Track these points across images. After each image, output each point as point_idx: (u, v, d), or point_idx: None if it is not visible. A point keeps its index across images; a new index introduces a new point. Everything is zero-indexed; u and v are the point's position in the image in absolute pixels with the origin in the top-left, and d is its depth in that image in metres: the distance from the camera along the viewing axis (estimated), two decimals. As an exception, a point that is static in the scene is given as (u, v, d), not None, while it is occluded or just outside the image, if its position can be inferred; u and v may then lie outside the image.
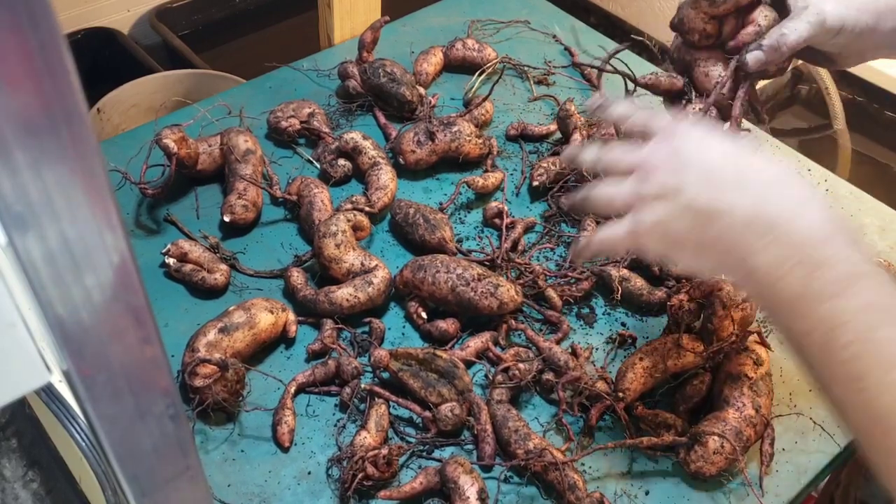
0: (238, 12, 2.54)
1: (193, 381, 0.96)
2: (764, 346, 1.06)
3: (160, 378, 0.42)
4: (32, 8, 0.28)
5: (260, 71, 1.52)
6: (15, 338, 0.41)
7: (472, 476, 0.91)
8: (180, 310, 1.13)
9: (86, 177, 0.33)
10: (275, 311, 1.06)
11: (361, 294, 1.09)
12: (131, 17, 2.37)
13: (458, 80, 1.54)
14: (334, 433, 1.00)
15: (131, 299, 0.38)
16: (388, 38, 1.56)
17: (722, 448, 0.95)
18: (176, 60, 2.19)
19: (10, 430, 0.80)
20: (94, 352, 0.38)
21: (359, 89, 1.43)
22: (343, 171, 1.29)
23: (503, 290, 1.07)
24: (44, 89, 0.30)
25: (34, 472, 0.80)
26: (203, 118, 1.33)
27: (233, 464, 0.97)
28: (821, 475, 1.02)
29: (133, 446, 0.43)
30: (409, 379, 1.01)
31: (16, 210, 0.32)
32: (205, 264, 1.15)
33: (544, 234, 1.26)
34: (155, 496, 0.47)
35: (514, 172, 1.36)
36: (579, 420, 1.04)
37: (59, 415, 0.68)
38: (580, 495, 0.93)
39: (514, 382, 1.03)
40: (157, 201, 1.25)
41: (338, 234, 1.11)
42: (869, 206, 1.36)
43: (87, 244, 0.35)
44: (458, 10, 1.71)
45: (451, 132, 1.30)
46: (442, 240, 1.18)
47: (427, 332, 1.11)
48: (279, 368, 1.07)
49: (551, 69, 1.55)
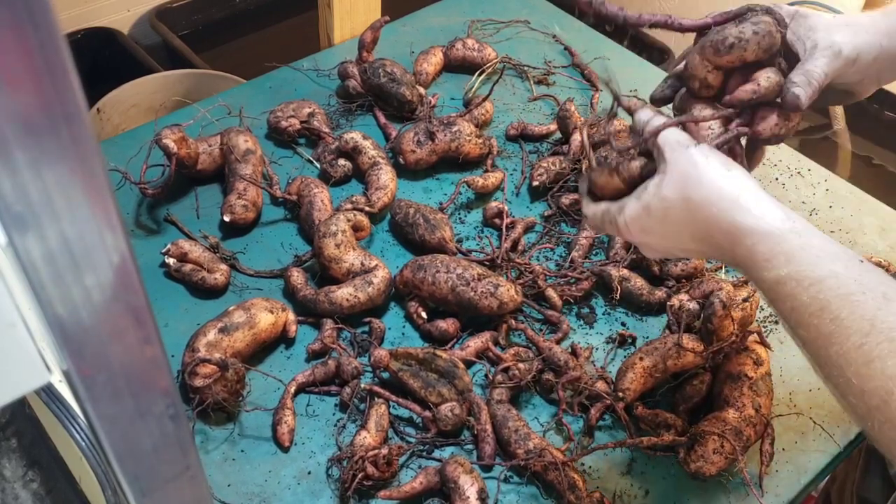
0: (238, 12, 2.54)
1: (193, 381, 0.96)
2: (764, 346, 1.06)
3: (160, 378, 0.42)
4: (32, 7, 0.28)
5: (260, 71, 1.52)
6: (15, 338, 0.41)
7: (472, 476, 0.91)
8: (180, 310, 1.13)
9: (86, 177, 0.33)
10: (275, 311, 1.06)
11: (361, 294, 1.09)
12: (131, 17, 2.37)
13: (458, 80, 1.54)
14: (334, 433, 1.00)
15: (131, 299, 0.38)
16: (388, 38, 1.56)
17: (722, 448, 0.95)
18: (176, 60, 2.19)
19: (10, 430, 0.80)
20: (94, 352, 0.38)
21: (359, 89, 1.43)
22: (343, 171, 1.29)
23: (503, 290, 1.07)
24: (44, 89, 0.30)
25: (34, 472, 0.80)
26: (203, 118, 1.33)
27: (233, 464, 0.97)
28: (821, 475, 1.02)
29: (133, 446, 0.43)
30: (409, 379, 1.01)
31: (16, 210, 0.32)
32: (205, 264, 1.15)
33: (544, 234, 1.26)
34: (155, 496, 0.47)
35: (514, 172, 1.36)
36: (579, 420, 1.04)
37: (59, 415, 0.68)
38: (580, 495, 0.92)
39: (514, 382, 1.03)
40: (157, 201, 1.25)
41: (338, 234, 1.11)
42: (869, 206, 1.36)
43: (87, 244, 0.35)
44: (458, 10, 1.71)
45: (451, 132, 1.30)
46: (442, 240, 1.18)
47: (427, 332, 1.11)
48: (279, 368, 1.07)
49: (551, 69, 1.55)
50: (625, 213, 0.74)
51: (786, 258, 0.65)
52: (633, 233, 0.75)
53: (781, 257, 0.65)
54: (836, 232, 1.31)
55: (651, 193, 0.72)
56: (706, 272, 1.19)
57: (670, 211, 0.71)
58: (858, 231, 1.32)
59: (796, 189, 1.38)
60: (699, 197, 0.69)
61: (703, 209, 0.69)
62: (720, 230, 0.69)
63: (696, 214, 0.70)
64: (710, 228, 0.70)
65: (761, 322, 1.17)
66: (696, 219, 0.70)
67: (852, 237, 1.31)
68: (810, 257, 0.65)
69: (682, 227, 0.72)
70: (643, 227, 0.74)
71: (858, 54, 0.82)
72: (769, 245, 0.66)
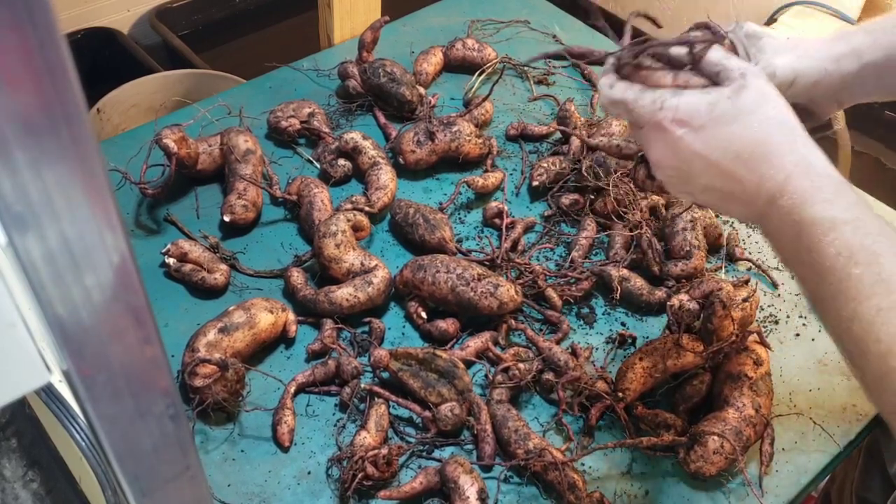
0: (238, 12, 2.54)
1: (193, 381, 0.96)
2: (764, 346, 1.06)
3: (160, 378, 0.42)
4: (32, 7, 0.28)
5: (260, 71, 1.52)
6: (15, 338, 0.41)
7: (472, 476, 0.91)
8: (180, 310, 1.13)
9: (86, 177, 0.33)
10: (275, 311, 1.06)
11: (361, 294, 1.09)
12: (131, 17, 2.37)
13: (458, 80, 1.54)
14: (334, 433, 1.00)
15: (131, 299, 0.38)
16: (388, 38, 1.56)
17: (722, 448, 0.95)
18: (176, 60, 2.19)
19: (10, 430, 0.80)
20: (94, 352, 0.38)
21: (359, 89, 1.43)
22: (343, 171, 1.29)
23: (503, 290, 1.07)
24: (44, 89, 0.30)
25: (34, 472, 0.80)
26: (203, 118, 1.33)
27: (233, 464, 0.97)
28: (821, 475, 1.02)
29: (133, 446, 0.43)
30: (409, 379, 1.01)
31: (16, 210, 0.32)
32: (205, 264, 1.15)
33: (544, 233, 1.26)
34: (155, 496, 0.47)
35: (514, 172, 1.36)
36: (579, 420, 1.04)
37: (59, 415, 0.68)
38: (580, 495, 0.92)
39: (514, 382, 1.03)
40: (157, 201, 1.25)
41: (338, 233, 1.11)
42: (869, 206, 1.36)
43: (87, 244, 0.35)
44: (458, 10, 1.71)
45: (451, 132, 1.30)
46: (442, 240, 1.18)
47: (427, 332, 1.11)
48: (279, 368, 1.07)
49: (551, 69, 1.55)
50: (684, 97, 0.71)
51: (849, 203, 0.65)
52: (679, 120, 0.71)
53: (846, 200, 0.66)
54: (836, 232, 1.31)
55: (725, 94, 0.70)
56: (706, 272, 1.19)
57: (740, 117, 0.69)
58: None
59: (796, 189, 1.38)
60: (779, 119, 0.69)
61: (780, 132, 0.69)
62: (789, 157, 0.68)
63: (769, 132, 0.69)
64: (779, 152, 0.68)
65: (761, 322, 1.17)
66: (766, 136, 0.69)
67: (852, 237, 1.31)
68: (870, 211, 0.65)
69: (739, 138, 0.70)
70: (694, 119, 0.70)
71: (796, 77, 0.85)
72: (834, 189, 0.66)
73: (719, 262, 1.25)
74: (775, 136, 0.69)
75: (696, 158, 0.72)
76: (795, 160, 0.68)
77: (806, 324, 1.18)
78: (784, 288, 1.22)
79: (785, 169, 0.68)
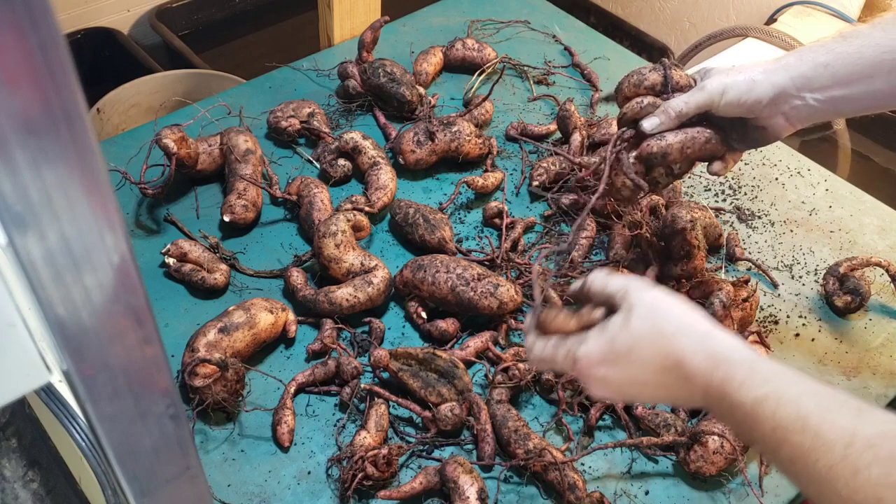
0: (238, 12, 2.54)
1: (193, 381, 0.96)
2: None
3: (160, 378, 0.42)
4: (32, 8, 0.28)
5: (260, 71, 1.52)
6: (15, 338, 0.41)
7: (472, 476, 0.91)
8: (180, 310, 1.13)
9: (86, 177, 0.33)
10: (275, 311, 1.06)
11: (361, 294, 1.09)
12: (131, 17, 2.37)
13: (458, 80, 1.54)
14: (334, 433, 1.00)
15: (131, 299, 0.38)
16: (388, 38, 1.57)
17: (722, 448, 0.95)
18: (176, 60, 2.19)
19: (10, 430, 0.80)
20: (94, 352, 0.38)
21: (359, 89, 1.43)
22: (343, 171, 1.29)
23: (503, 290, 1.07)
24: (44, 89, 0.30)
25: (34, 472, 0.80)
26: (203, 118, 1.33)
27: (233, 464, 0.97)
28: (821, 475, 1.02)
29: (133, 446, 0.43)
30: (409, 379, 1.01)
31: (16, 210, 0.32)
32: (205, 264, 1.15)
33: (544, 233, 1.26)
34: (155, 496, 0.47)
35: (514, 172, 1.36)
36: (579, 420, 1.04)
37: (59, 415, 0.68)
38: (580, 495, 0.93)
39: (514, 382, 1.03)
40: (157, 201, 1.25)
41: (338, 234, 1.11)
42: (869, 206, 1.36)
43: (87, 244, 0.35)
44: (458, 10, 1.71)
45: (451, 132, 1.30)
46: (442, 240, 1.18)
47: (427, 332, 1.11)
48: (279, 368, 1.07)
49: (551, 69, 1.55)
50: (587, 345, 0.76)
51: (763, 378, 0.68)
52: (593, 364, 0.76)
53: (759, 377, 0.68)
54: (836, 232, 1.31)
55: (618, 326, 0.75)
56: (706, 272, 1.19)
57: (640, 342, 0.74)
58: (858, 231, 1.32)
59: (796, 189, 1.38)
60: (672, 328, 0.73)
61: (677, 339, 0.72)
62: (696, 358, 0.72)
63: (669, 344, 0.73)
64: (685, 357, 0.72)
65: (761, 322, 1.17)
66: (668, 349, 0.73)
67: (852, 237, 1.31)
68: (785, 377, 0.68)
69: (648, 359, 0.74)
70: (605, 359, 0.76)
71: (724, 89, 0.94)
72: (745, 369, 0.69)
73: (719, 262, 1.25)
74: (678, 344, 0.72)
75: (627, 385, 0.76)
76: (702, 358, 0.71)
77: (806, 324, 1.18)
78: (784, 288, 1.22)
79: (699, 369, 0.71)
